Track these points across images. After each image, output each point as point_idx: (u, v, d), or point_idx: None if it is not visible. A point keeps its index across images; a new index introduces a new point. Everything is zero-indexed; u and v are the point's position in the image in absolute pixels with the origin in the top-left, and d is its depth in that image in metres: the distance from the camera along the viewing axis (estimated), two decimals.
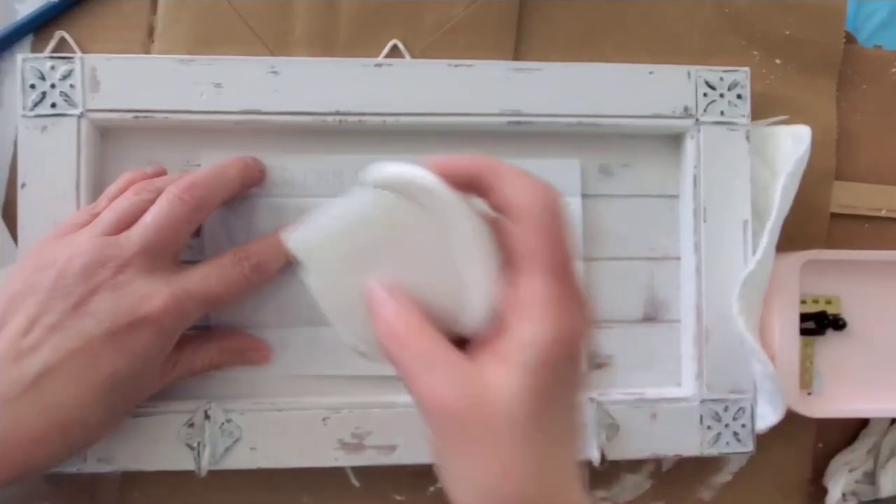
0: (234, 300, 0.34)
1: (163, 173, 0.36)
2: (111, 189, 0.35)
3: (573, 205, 0.40)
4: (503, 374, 0.25)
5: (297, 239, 0.28)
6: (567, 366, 0.25)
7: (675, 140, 0.41)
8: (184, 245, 0.34)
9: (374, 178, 0.27)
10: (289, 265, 0.38)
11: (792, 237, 0.41)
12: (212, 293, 0.33)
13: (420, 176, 0.27)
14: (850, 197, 0.44)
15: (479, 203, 0.28)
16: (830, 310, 0.41)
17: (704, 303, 0.39)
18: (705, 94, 0.40)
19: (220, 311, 0.36)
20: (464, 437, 0.25)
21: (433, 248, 0.27)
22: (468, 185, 0.27)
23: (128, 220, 0.33)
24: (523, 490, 0.25)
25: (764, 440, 0.40)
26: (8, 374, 0.30)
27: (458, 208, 0.27)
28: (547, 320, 0.25)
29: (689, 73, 0.40)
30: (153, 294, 0.32)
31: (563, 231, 0.26)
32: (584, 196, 0.40)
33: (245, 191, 0.38)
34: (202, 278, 0.33)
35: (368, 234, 0.27)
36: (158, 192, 0.34)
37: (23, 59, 0.37)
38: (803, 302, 0.40)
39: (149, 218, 0.33)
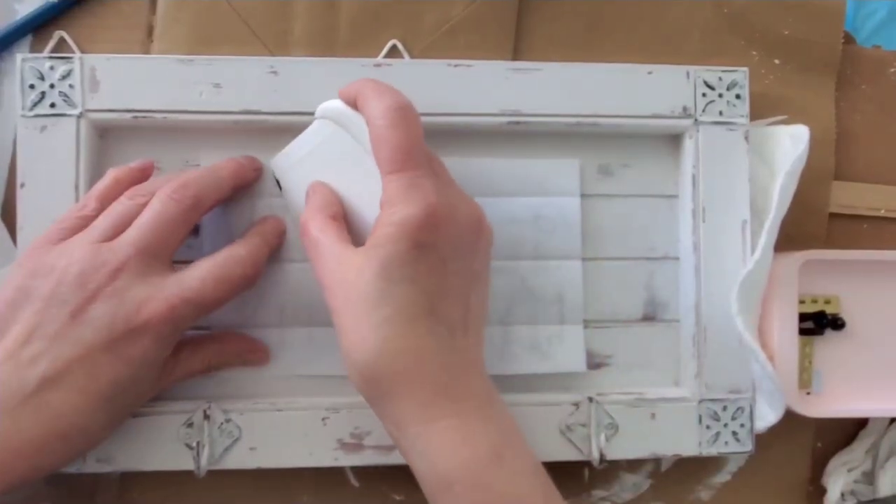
0: (231, 299, 0.34)
1: (149, 168, 0.36)
2: (98, 187, 0.35)
3: (572, 205, 0.40)
4: (361, 258, 0.31)
5: (273, 163, 0.37)
6: (405, 247, 0.30)
7: (674, 140, 0.41)
8: (179, 246, 0.34)
9: (317, 112, 0.36)
10: (279, 263, 0.38)
11: (791, 237, 0.41)
12: (208, 298, 0.33)
13: (332, 104, 0.35)
14: (849, 197, 0.44)
15: None
16: (829, 309, 0.41)
17: (703, 303, 0.39)
18: (704, 94, 0.40)
19: (219, 311, 0.36)
20: (337, 311, 0.31)
21: (361, 163, 0.34)
22: (356, 106, 0.34)
23: (122, 224, 0.33)
24: (374, 358, 0.30)
25: (763, 440, 0.40)
26: (9, 384, 0.30)
27: (359, 126, 0.34)
28: (385, 214, 0.31)
29: (688, 74, 0.40)
30: (150, 300, 0.32)
31: (395, 135, 0.31)
32: (584, 196, 0.40)
33: (239, 191, 0.38)
34: (199, 283, 0.33)
35: (320, 155, 0.36)
36: (152, 195, 0.33)
37: (22, 59, 0.37)
38: (802, 302, 0.40)
39: (143, 220, 0.33)
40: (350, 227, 0.34)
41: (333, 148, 0.35)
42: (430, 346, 0.30)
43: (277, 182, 0.37)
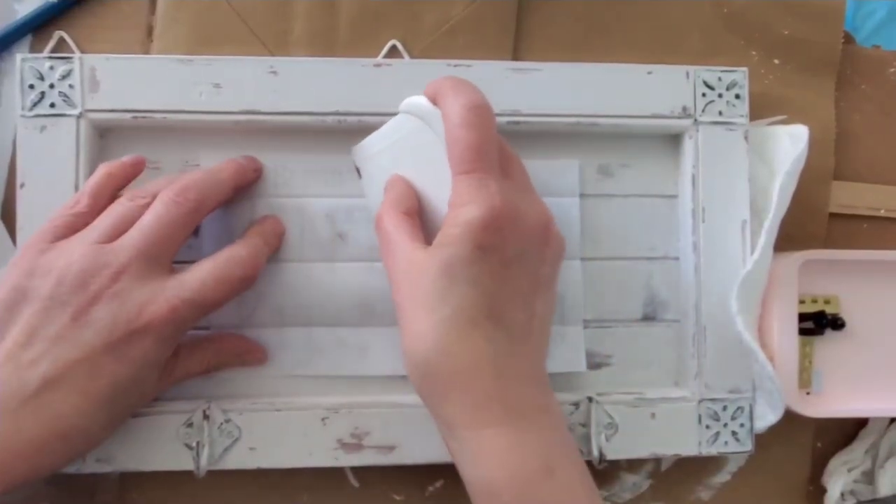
0: (232, 299, 0.34)
1: (140, 163, 0.36)
2: (90, 182, 0.35)
3: (572, 205, 0.40)
4: (427, 256, 0.30)
5: (354, 151, 0.36)
6: (468, 248, 0.30)
7: (673, 140, 0.41)
8: (180, 248, 0.34)
9: (401, 106, 0.35)
10: (277, 263, 0.38)
11: (791, 237, 0.41)
12: (208, 299, 0.33)
13: (416, 100, 0.35)
14: (848, 197, 0.44)
15: None
16: (829, 309, 0.41)
17: (703, 302, 0.39)
18: (704, 94, 0.40)
19: (219, 311, 0.36)
20: (400, 306, 0.31)
21: (439, 160, 0.33)
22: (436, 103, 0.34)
23: (123, 226, 0.33)
24: (430, 356, 0.30)
25: (763, 440, 0.40)
26: (9, 386, 0.30)
27: (439, 124, 0.33)
28: (451, 214, 0.31)
29: (687, 74, 0.40)
30: (151, 302, 0.32)
31: (466, 135, 0.31)
32: (583, 196, 0.40)
33: (240, 192, 0.38)
34: (199, 284, 0.33)
35: (400, 149, 0.35)
36: (153, 197, 0.33)
37: (22, 60, 0.37)
38: (802, 302, 0.40)
39: (144, 222, 0.33)
40: (425, 224, 0.33)
41: (413, 143, 0.35)
42: (486, 350, 0.30)
43: (357, 170, 0.37)
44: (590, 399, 0.39)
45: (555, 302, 0.34)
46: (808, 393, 0.41)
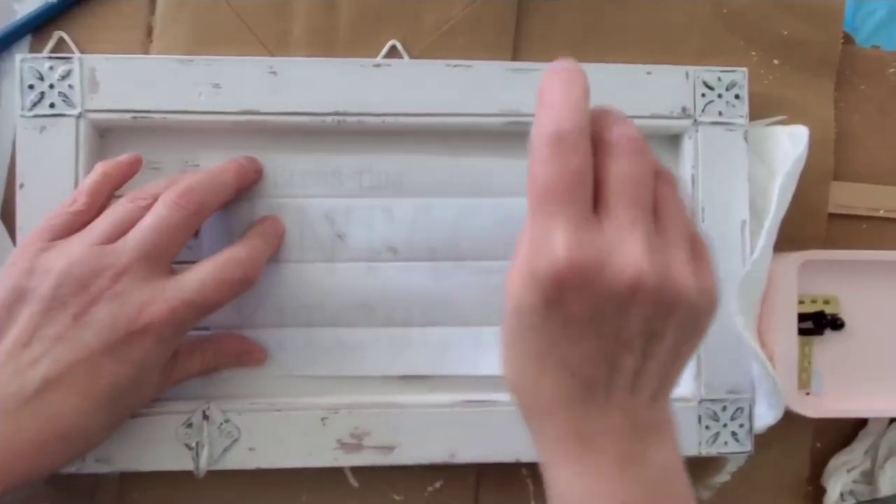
0: (232, 300, 0.34)
1: (137, 162, 0.36)
2: (87, 182, 0.35)
3: None
4: (515, 285, 0.27)
5: None
6: (532, 296, 0.26)
7: (673, 140, 0.41)
8: (180, 250, 0.34)
9: None
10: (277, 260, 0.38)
11: (790, 237, 0.41)
12: (208, 300, 0.33)
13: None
14: (848, 197, 0.44)
15: None
16: (829, 310, 0.41)
17: None
18: (703, 95, 0.40)
19: (218, 312, 0.36)
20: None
21: None
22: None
23: (124, 227, 0.33)
24: (510, 386, 0.29)
25: (762, 440, 0.40)
26: (9, 386, 0.30)
27: None
28: (518, 252, 0.27)
29: (687, 74, 0.40)
30: (151, 303, 0.32)
31: (539, 172, 0.26)
32: None
33: (241, 193, 0.38)
34: (199, 285, 0.33)
35: None
36: (153, 199, 0.33)
37: (21, 60, 0.37)
38: (801, 302, 0.40)
39: (146, 224, 0.33)
40: None
41: None
42: (558, 397, 0.27)
43: None
44: None
45: (669, 350, 0.28)
46: (807, 393, 0.41)
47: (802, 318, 0.40)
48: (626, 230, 0.26)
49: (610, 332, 0.26)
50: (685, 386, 0.40)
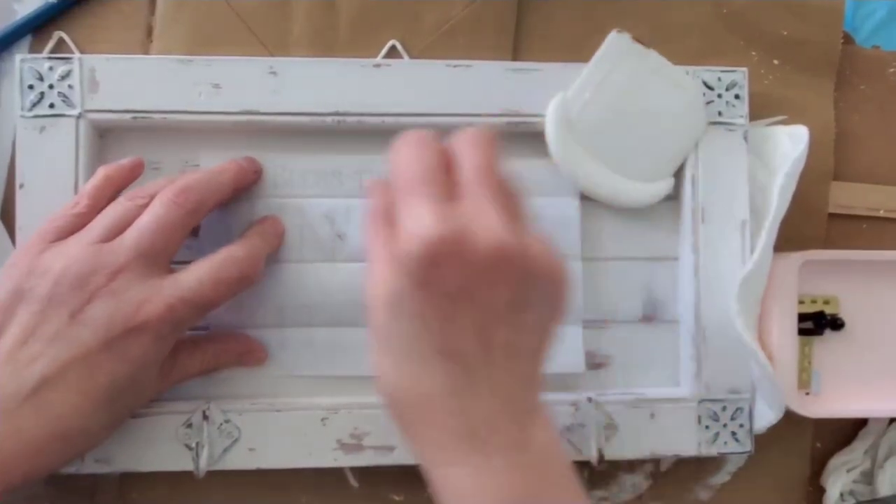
0: (230, 299, 0.34)
1: (139, 166, 0.36)
2: (89, 185, 0.35)
3: (572, 206, 0.40)
4: (378, 285, 0.29)
5: None
6: (405, 283, 0.28)
7: None
8: (178, 249, 0.34)
9: None
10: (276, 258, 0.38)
11: (790, 237, 0.41)
12: (206, 299, 0.33)
13: None
14: (848, 197, 0.44)
15: None
16: (828, 310, 0.41)
17: (703, 303, 0.39)
18: (703, 95, 0.40)
19: (218, 311, 0.36)
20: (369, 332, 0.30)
21: None
22: None
23: (121, 226, 0.33)
24: (391, 394, 0.29)
25: (762, 440, 0.40)
26: (7, 385, 0.30)
27: None
28: (395, 246, 0.28)
29: (687, 74, 0.40)
30: (148, 301, 0.32)
31: (398, 158, 0.29)
32: (583, 196, 0.40)
33: (240, 193, 0.38)
34: (197, 284, 0.33)
35: None
36: (151, 198, 0.33)
37: (21, 60, 0.37)
38: (801, 302, 0.40)
39: (143, 222, 0.33)
40: None
41: None
42: (440, 388, 0.28)
43: None
44: (589, 399, 0.39)
45: (535, 324, 0.30)
46: (807, 393, 0.41)
47: (802, 318, 0.40)
48: (484, 206, 0.28)
49: (481, 303, 0.28)
50: (685, 386, 0.40)
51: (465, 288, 0.28)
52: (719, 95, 0.40)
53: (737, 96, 0.40)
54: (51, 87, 0.37)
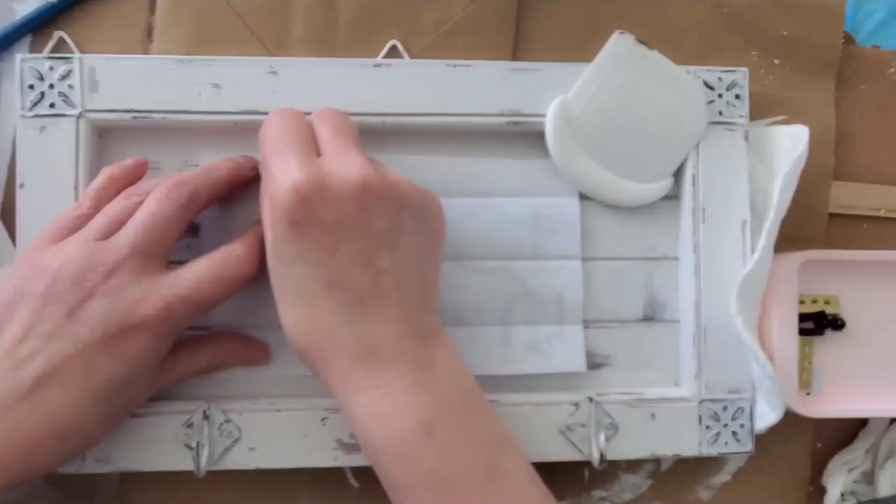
0: (228, 298, 0.34)
1: (143, 166, 0.36)
2: (93, 186, 0.35)
3: (572, 205, 0.40)
4: (267, 245, 0.32)
5: None
6: (283, 228, 0.31)
7: None
8: (174, 244, 0.34)
9: None
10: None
11: (790, 237, 0.41)
12: (203, 297, 0.33)
13: None
14: (848, 197, 0.44)
15: None
16: (829, 310, 0.41)
17: (703, 303, 0.39)
18: (704, 95, 0.40)
19: (219, 311, 0.36)
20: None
21: None
22: None
23: (118, 223, 0.33)
24: (293, 337, 0.32)
25: (763, 440, 0.40)
26: (5, 383, 0.30)
27: None
28: (263, 204, 0.33)
29: (687, 74, 0.40)
30: (146, 299, 0.32)
31: (262, 134, 0.33)
32: (583, 196, 0.40)
33: (237, 190, 0.37)
34: (195, 282, 0.33)
35: None
36: (148, 195, 0.33)
37: (21, 60, 0.37)
38: (802, 302, 0.40)
39: (138, 218, 0.33)
40: None
41: None
42: (336, 319, 0.31)
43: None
44: (590, 399, 0.39)
45: (410, 254, 0.33)
46: (807, 393, 0.41)
47: (803, 318, 0.40)
48: (343, 153, 0.32)
49: (358, 232, 0.31)
50: (686, 386, 0.40)
51: (338, 221, 0.31)
52: (720, 95, 0.40)
53: (737, 96, 0.40)
54: (51, 86, 0.37)
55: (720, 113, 0.40)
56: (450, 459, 0.30)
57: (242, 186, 0.38)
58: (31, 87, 0.37)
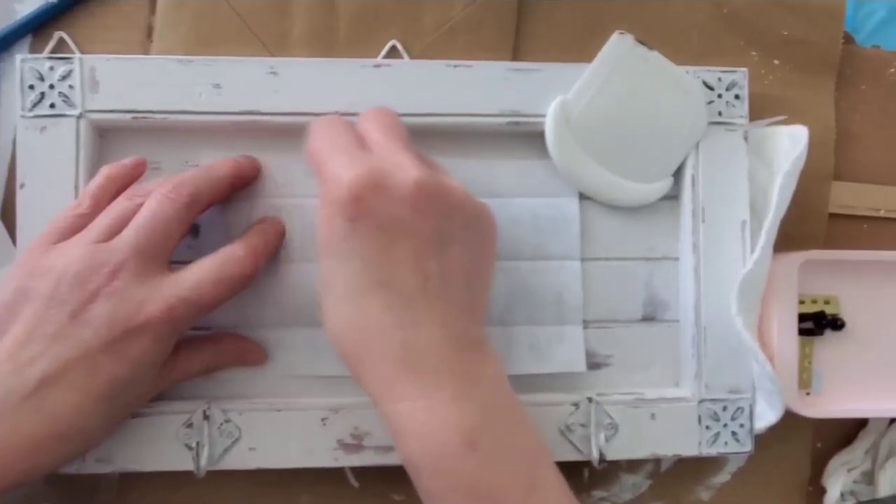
0: (230, 299, 0.34)
1: (142, 165, 0.36)
2: (92, 185, 0.35)
3: (571, 205, 0.40)
4: (319, 228, 0.32)
5: None
6: (338, 224, 0.30)
7: None
8: (176, 245, 0.34)
9: None
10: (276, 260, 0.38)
11: (790, 237, 0.41)
12: (205, 298, 0.33)
13: None
14: (848, 197, 0.44)
15: None
16: (829, 310, 0.41)
17: (703, 303, 0.39)
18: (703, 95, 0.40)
19: (219, 311, 0.36)
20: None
21: None
22: None
23: (120, 224, 0.33)
24: (338, 337, 0.31)
25: (762, 440, 0.40)
26: (8, 384, 0.30)
27: None
28: (319, 202, 0.32)
29: (687, 74, 0.40)
30: (149, 301, 0.32)
31: (308, 145, 0.33)
32: (583, 196, 0.40)
33: (238, 190, 0.38)
34: (197, 283, 0.33)
35: None
36: (149, 195, 0.33)
37: (21, 60, 0.37)
38: (802, 302, 0.40)
39: (139, 219, 0.33)
40: None
41: None
42: (385, 320, 0.30)
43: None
44: (590, 399, 0.39)
45: (457, 258, 0.32)
46: (807, 393, 0.41)
47: (802, 318, 0.40)
48: (395, 152, 0.32)
49: (412, 233, 0.31)
50: (685, 386, 0.40)
51: (393, 218, 0.30)
52: (719, 95, 0.40)
53: (737, 96, 0.40)
54: (51, 87, 0.37)
55: (720, 113, 0.40)
56: (493, 473, 0.29)
57: (243, 186, 0.38)
58: (32, 87, 0.37)
